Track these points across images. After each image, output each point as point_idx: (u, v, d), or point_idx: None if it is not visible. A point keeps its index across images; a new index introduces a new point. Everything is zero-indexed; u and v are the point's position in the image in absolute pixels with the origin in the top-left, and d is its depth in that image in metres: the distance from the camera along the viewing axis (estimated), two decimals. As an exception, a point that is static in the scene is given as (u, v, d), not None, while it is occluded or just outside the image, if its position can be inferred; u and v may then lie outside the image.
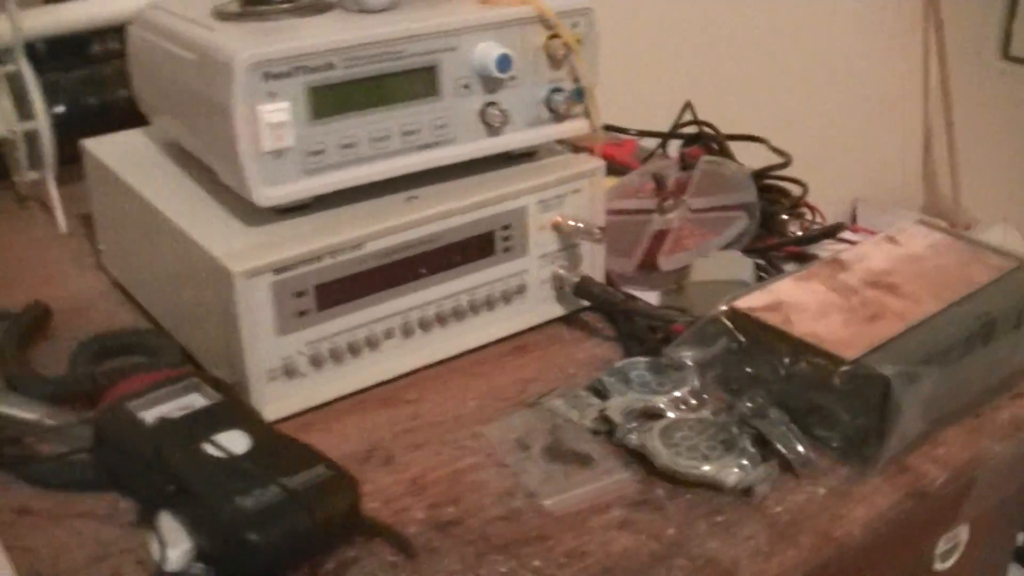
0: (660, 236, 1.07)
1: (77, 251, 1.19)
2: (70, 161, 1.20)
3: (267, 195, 0.85)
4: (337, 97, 0.85)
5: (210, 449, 0.75)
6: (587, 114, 0.98)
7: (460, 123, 0.92)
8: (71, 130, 1.21)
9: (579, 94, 0.96)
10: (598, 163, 0.98)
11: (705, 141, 1.27)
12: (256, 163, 0.83)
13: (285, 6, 0.92)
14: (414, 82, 0.88)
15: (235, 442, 0.76)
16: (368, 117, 0.87)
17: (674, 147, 1.30)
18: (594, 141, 0.99)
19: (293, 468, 0.73)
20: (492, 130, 0.93)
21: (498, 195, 0.93)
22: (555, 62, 0.95)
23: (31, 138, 1.20)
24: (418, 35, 0.87)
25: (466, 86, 0.91)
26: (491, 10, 0.91)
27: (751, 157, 1.23)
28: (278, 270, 0.83)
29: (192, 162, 0.98)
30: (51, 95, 1.20)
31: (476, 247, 0.93)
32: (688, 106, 1.27)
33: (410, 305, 0.91)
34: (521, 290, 0.97)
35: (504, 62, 0.90)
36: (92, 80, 1.28)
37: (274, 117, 0.82)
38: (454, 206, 0.91)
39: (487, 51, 0.90)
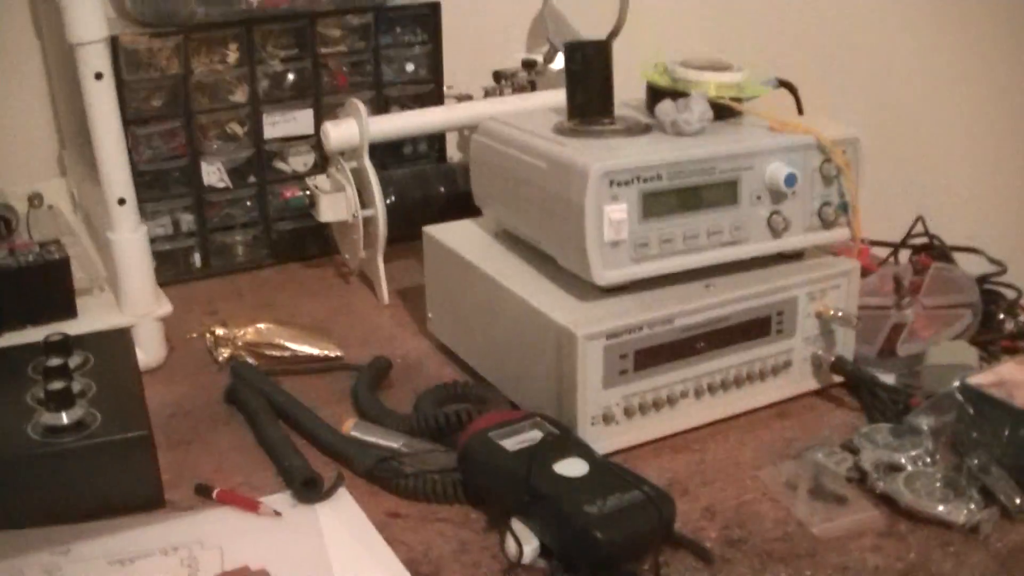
0: (897, 328, 1.26)
1: (400, 319, 1.43)
2: (392, 243, 1.44)
3: (604, 277, 1.07)
4: (662, 201, 1.07)
5: (560, 469, 0.96)
6: (850, 225, 1.18)
7: (752, 227, 1.13)
8: (397, 218, 1.45)
9: (845, 208, 1.17)
10: (855, 264, 1.19)
11: (931, 250, 1.46)
12: (599, 251, 1.06)
13: (614, 127, 1.15)
14: (720, 192, 1.10)
15: (576, 466, 0.98)
16: (683, 219, 1.09)
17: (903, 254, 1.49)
18: (852, 248, 1.19)
19: (624, 487, 0.94)
20: (776, 233, 1.14)
21: (777, 286, 1.14)
22: (827, 180, 1.15)
23: (365, 223, 1.44)
24: (727, 156, 1.10)
25: (758, 197, 1.12)
26: (781, 137, 1.13)
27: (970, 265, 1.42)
28: (610, 336, 1.05)
29: (522, 247, 1.21)
30: (384, 187, 1.44)
31: (756, 327, 1.14)
32: (920, 219, 1.46)
33: (702, 372, 1.12)
34: (787, 365, 1.17)
35: (791, 179, 1.11)
36: (417, 177, 1.52)
37: (616, 215, 1.05)
38: (743, 293, 1.12)
39: (778, 170, 1.11)
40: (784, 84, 1.51)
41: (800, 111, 1.54)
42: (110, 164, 1.22)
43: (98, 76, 1.17)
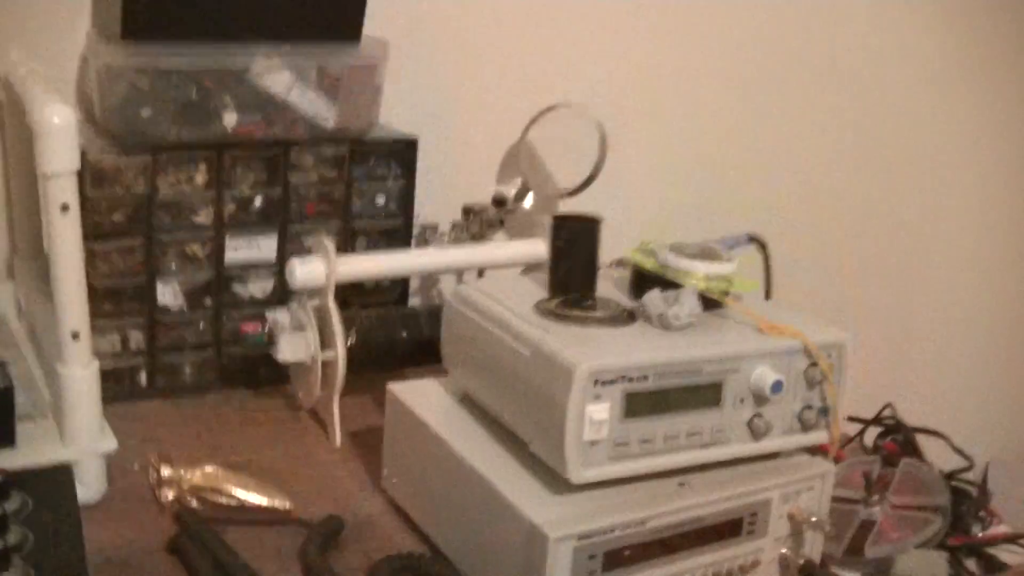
0: (865, 526, 1.24)
1: (354, 467, 1.37)
2: (350, 381, 1.40)
3: (581, 475, 1.03)
4: (645, 401, 1.04)
5: None
6: (828, 429, 1.15)
7: (732, 429, 1.10)
8: (357, 360, 1.41)
9: (825, 412, 1.14)
10: (829, 467, 1.16)
11: (897, 435, 1.44)
12: (576, 450, 1.02)
13: (598, 315, 1.11)
14: (704, 394, 1.07)
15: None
16: (664, 419, 1.06)
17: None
18: (829, 451, 1.16)
19: None
20: (756, 436, 1.11)
21: (751, 488, 1.11)
22: (810, 384, 1.13)
23: (324, 364, 1.40)
24: (715, 358, 1.07)
25: (741, 400, 1.09)
26: (769, 340, 1.10)
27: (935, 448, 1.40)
28: (581, 537, 1.01)
29: (489, 420, 1.17)
30: (345, 327, 1.40)
31: (728, 528, 1.10)
32: (889, 406, 1.45)
33: (670, 572, 1.08)
34: (755, 566, 1.14)
35: (778, 386, 1.08)
36: (380, 319, 1.48)
37: (597, 415, 1.02)
38: (718, 495, 1.09)
39: (764, 375, 1.08)
40: (754, 240, 1.50)
41: (767, 268, 1.53)
42: (67, 296, 1.16)
43: (64, 208, 1.13)
